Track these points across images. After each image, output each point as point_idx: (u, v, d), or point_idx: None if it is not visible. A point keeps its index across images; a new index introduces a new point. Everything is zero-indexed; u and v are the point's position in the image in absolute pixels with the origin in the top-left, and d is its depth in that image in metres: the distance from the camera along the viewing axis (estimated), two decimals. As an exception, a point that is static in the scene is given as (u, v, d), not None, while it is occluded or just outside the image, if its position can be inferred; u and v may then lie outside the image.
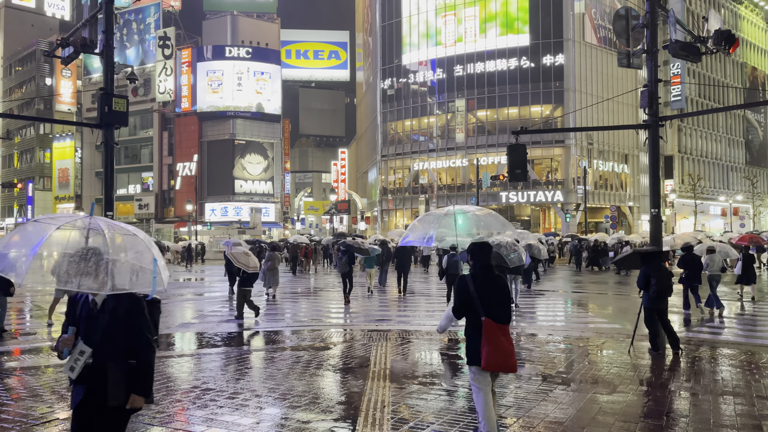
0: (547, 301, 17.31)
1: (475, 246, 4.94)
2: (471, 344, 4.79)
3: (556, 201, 51.92)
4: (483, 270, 4.86)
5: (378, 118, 62.42)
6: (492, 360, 4.64)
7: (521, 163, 11.12)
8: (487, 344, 4.64)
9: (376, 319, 13.46)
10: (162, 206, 69.74)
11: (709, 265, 14.25)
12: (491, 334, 4.65)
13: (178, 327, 12.38)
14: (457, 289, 4.85)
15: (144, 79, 70.93)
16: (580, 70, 53.02)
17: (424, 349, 9.76)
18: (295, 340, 10.73)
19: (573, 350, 9.55)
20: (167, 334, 11.62)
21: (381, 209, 62.33)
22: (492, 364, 4.65)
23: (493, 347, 4.63)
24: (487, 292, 4.74)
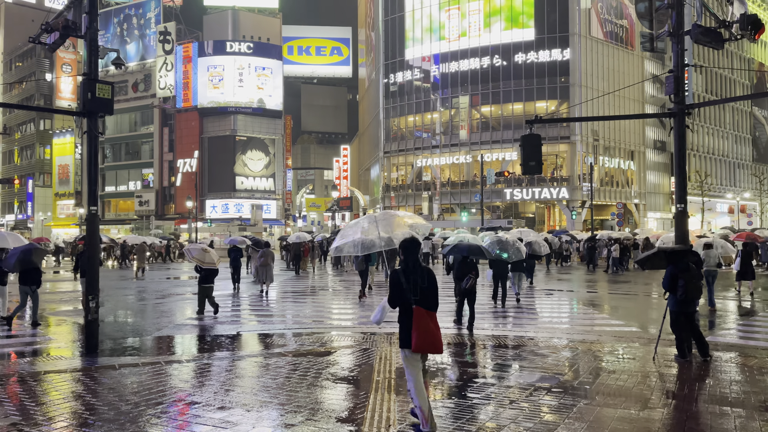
0: (558, 301, 16.59)
1: (406, 243, 5.50)
2: (403, 330, 5.32)
3: (562, 198, 51.14)
4: (413, 264, 5.43)
5: (381, 113, 61.66)
6: (421, 342, 5.20)
7: (535, 155, 10.38)
8: (416, 329, 5.18)
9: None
10: (162, 203, 69.13)
11: (706, 261, 14.21)
12: (420, 320, 5.20)
13: (171, 328, 11.68)
14: (392, 281, 5.44)
15: (144, 74, 70.32)
16: (586, 65, 52.17)
17: (431, 354, 9.04)
18: (294, 344, 10.03)
19: (592, 357, 8.83)
20: (158, 336, 10.93)
21: (383, 206, 61.57)
22: (421, 346, 5.21)
23: (422, 331, 5.18)
24: (416, 283, 5.30)
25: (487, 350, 9.56)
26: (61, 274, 27.75)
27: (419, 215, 56.41)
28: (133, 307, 15.38)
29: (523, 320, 12.83)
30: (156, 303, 16.05)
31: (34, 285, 11.61)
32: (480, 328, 11.32)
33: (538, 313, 14.16)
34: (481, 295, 16.83)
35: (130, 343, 10.32)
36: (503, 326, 12.03)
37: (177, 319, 13.07)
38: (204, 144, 65.84)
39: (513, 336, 10.74)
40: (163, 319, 13.00)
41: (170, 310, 14.60)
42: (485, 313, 13.50)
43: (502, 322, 12.66)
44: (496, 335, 10.85)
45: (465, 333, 10.84)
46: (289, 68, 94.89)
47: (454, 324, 11.68)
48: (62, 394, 6.85)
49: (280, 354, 8.99)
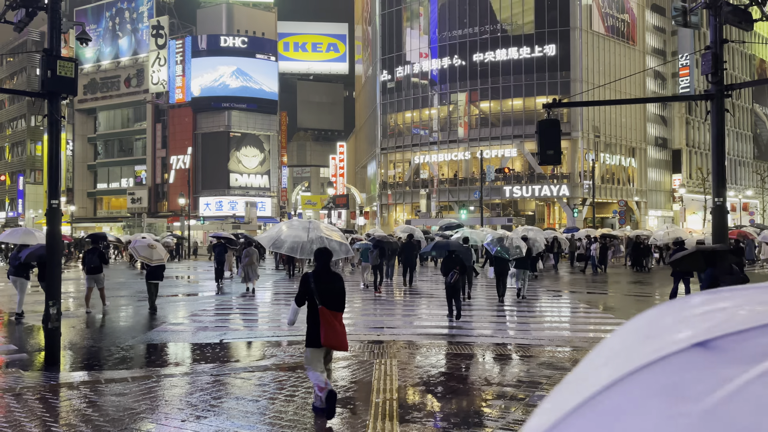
0: (559, 302, 15.55)
1: (318, 251, 6.19)
2: (310, 329, 5.81)
3: (562, 195, 50.15)
4: (323, 269, 5.98)
5: (377, 109, 60.55)
6: (328, 339, 5.69)
7: (554, 143, 9.32)
8: (324, 326, 5.68)
9: (378, 325, 11.68)
10: (155, 200, 67.90)
11: None
12: (327, 319, 5.70)
13: (149, 335, 10.60)
14: (301, 283, 5.96)
15: (137, 69, 69.03)
16: (586, 60, 51.16)
17: (440, 365, 7.99)
18: (281, 355, 8.95)
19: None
20: (131, 345, 9.83)
21: (380, 204, 60.52)
22: (328, 341, 5.72)
23: (329, 328, 5.69)
24: (324, 286, 5.82)
25: (486, 362, 8.51)
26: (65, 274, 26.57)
27: (417, 212, 55.52)
28: (118, 309, 14.28)
29: (529, 324, 11.78)
30: (140, 305, 14.95)
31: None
32: (483, 335, 10.27)
33: (543, 316, 13.12)
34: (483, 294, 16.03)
35: (100, 354, 9.23)
36: (503, 330, 10.98)
37: (157, 323, 11.98)
38: (197, 140, 64.62)
39: (516, 344, 9.69)
40: (141, 325, 11.92)
41: (153, 314, 13.51)
42: (488, 315, 12.45)
43: (503, 325, 11.60)
44: (499, 343, 9.79)
45: (461, 337, 9.79)
46: (285, 65, 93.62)
47: (447, 318, 12.16)
48: None
49: (265, 368, 7.92)
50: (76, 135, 73.60)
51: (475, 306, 14.61)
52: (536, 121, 9.38)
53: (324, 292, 5.80)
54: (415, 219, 49.90)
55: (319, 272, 5.99)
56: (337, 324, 5.77)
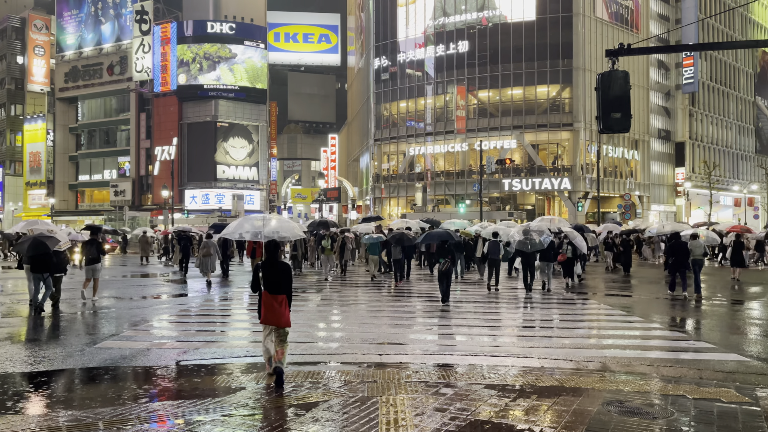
0: (595, 309, 13.40)
1: (267, 244, 7.27)
2: (259, 308, 7.04)
3: (563, 189, 48.09)
4: (270, 259, 7.07)
5: (371, 98, 58.18)
6: (267, 318, 6.90)
7: (622, 103, 7.12)
8: (264, 307, 6.92)
9: (381, 339, 9.45)
10: (140, 193, 65.28)
11: (692, 251, 15.18)
12: (268, 301, 6.90)
13: (86, 354, 8.32)
14: (253, 272, 7.15)
15: (120, 56, 66.26)
16: (589, 47, 49.06)
17: (482, 411, 5.77)
18: (252, 387, 6.72)
19: (686, 411, 5.62)
20: (59, 370, 7.55)
21: (373, 197, 58.25)
22: (267, 320, 6.89)
23: (268, 309, 6.89)
24: (269, 274, 6.95)
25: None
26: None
27: (412, 206, 53.28)
28: (72, 315, 11.98)
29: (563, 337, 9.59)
30: (104, 309, 12.65)
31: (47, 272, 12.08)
32: (504, 353, 8.06)
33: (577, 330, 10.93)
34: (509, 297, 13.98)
35: (14, 386, 6.96)
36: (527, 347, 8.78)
37: (103, 334, 9.70)
38: (183, 130, 62.04)
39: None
40: (85, 337, 9.63)
41: (110, 321, 11.22)
42: (524, 327, 10.23)
43: (547, 342, 9.40)
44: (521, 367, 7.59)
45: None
46: (276, 56, 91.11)
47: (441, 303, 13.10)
48: None
49: (223, 417, 5.67)
50: (57, 125, 70.75)
51: (502, 312, 12.43)
52: (597, 75, 7.22)
53: (268, 278, 6.91)
54: (410, 213, 47.69)
55: (266, 262, 7.04)
56: (276, 305, 6.85)
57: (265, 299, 6.85)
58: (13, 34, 77.76)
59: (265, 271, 6.92)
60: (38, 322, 11.38)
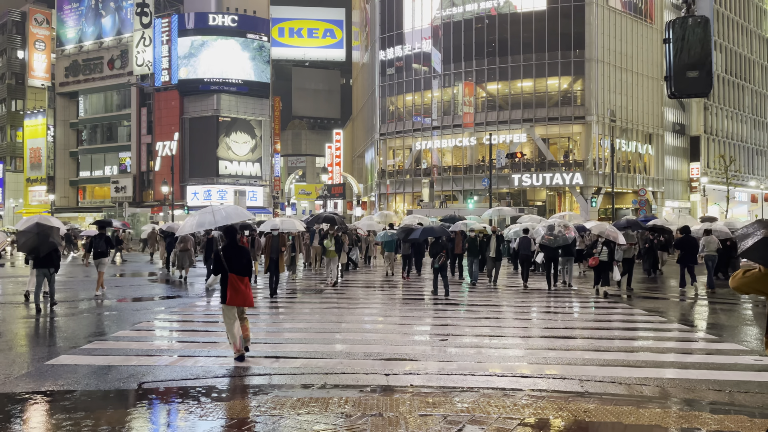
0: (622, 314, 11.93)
1: (227, 228, 7.91)
2: (222, 290, 7.43)
3: (575, 184, 46.49)
4: (231, 243, 7.59)
5: (376, 92, 56.68)
6: (233, 299, 7.33)
7: (701, 58, 5.57)
8: (230, 289, 7.31)
9: (391, 356, 8.02)
10: (140, 189, 64.07)
11: (707, 246, 15.17)
12: (233, 283, 7.32)
13: (40, 372, 6.93)
14: (216, 257, 7.50)
15: (121, 50, 64.99)
16: (603, 38, 47.40)
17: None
18: (218, 415, 5.29)
19: None
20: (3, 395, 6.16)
21: (378, 193, 56.81)
22: (234, 301, 7.34)
23: (234, 291, 7.31)
24: (232, 257, 7.39)
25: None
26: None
27: (419, 202, 51.81)
28: (44, 317, 10.61)
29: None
30: (87, 311, 11.28)
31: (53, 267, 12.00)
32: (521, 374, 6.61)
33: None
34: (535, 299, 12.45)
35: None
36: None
37: (62, 346, 8.31)
38: (185, 125, 60.76)
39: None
40: (41, 348, 8.24)
41: (88, 323, 9.84)
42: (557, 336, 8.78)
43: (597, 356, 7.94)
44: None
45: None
46: (280, 51, 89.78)
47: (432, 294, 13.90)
48: None
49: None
50: (57, 120, 69.60)
51: (528, 320, 10.98)
52: (667, 23, 5.67)
53: (232, 261, 7.40)
54: (416, 209, 46.23)
55: (227, 246, 7.57)
56: (241, 286, 7.41)
57: (231, 281, 7.32)
58: (13, 29, 76.66)
59: (228, 255, 7.40)
60: (3, 327, 10.01)
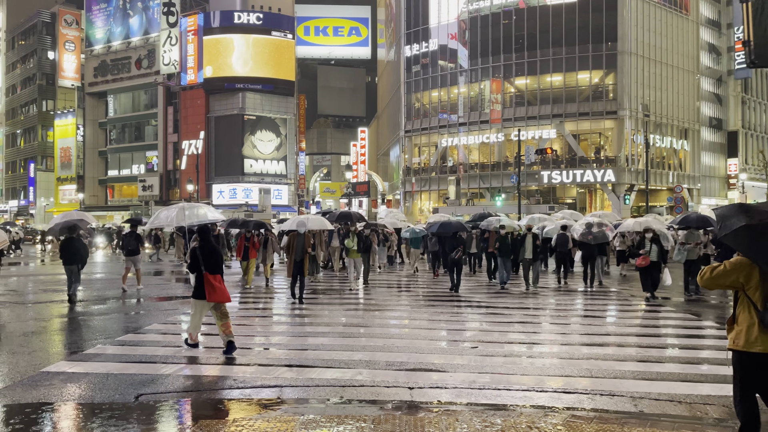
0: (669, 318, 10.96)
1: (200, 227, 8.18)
2: (198, 287, 7.73)
3: (607, 181, 45.05)
4: (205, 243, 7.85)
5: (402, 88, 55.87)
6: (211, 296, 7.59)
7: None
8: (207, 287, 7.60)
9: (416, 366, 7.28)
10: (167, 188, 64.35)
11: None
12: (210, 281, 7.61)
13: (18, 383, 6.36)
14: (191, 256, 7.84)
15: (148, 50, 65.36)
16: (636, 30, 45.83)
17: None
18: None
19: None
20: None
21: (404, 191, 56.02)
22: (212, 298, 7.59)
23: (211, 288, 7.59)
24: (206, 256, 7.70)
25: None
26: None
27: (445, 200, 50.88)
28: (62, 317, 10.14)
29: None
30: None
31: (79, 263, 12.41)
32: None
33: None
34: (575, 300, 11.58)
35: None
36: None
37: (55, 357, 7.77)
38: (210, 124, 60.79)
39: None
40: (40, 354, 7.70)
41: (88, 329, 9.33)
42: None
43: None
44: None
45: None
46: (306, 49, 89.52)
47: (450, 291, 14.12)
48: None
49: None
50: (86, 120, 70.41)
51: (564, 323, 10.13)
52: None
53: (208, 260, 7.68)
54: (442, 207, 45.36)
55: (203, 246, 7.84)
56: (216, 283, 7.65)
57: (207, 280, 7.59)
58: (43, 30, 77.82)
59: (204, 254, 7.69)
60: (9, 327, 9.53)
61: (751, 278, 4.03)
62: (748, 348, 4.04)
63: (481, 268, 19.63)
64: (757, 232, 3.84)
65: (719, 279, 4.11)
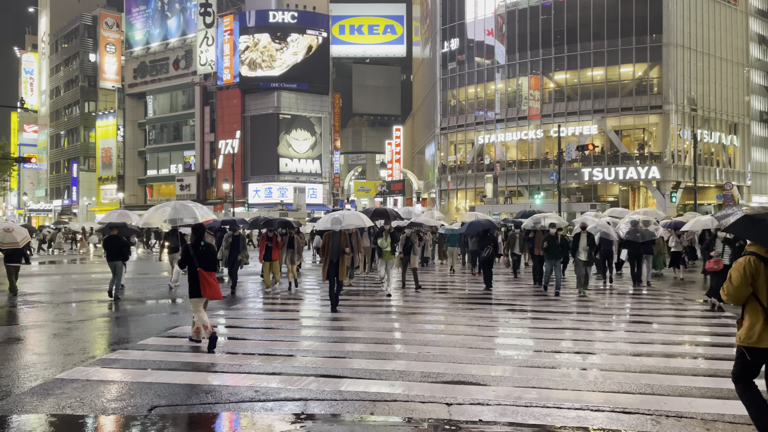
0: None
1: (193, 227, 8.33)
2: (191, 284, 7.96)
3: (651, 179, 43.38)
4: (198, 241, 8.01)
5: (437, 85, 55.03)
6: (206, 292, 7.90)
7: None
8: (202, 283, 7.88)
9: (454, 377, 6.64)
10: (204, 187, 65.01)
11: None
12: (203, 278, 7.88)
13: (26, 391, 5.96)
14: (183, 252, 8.05)
15: (185, 50, 66.13)
16: (682, 21, 44.00)
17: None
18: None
19: None
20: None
21: (439, 189, 55.18)
22: (206, 294, 7.92)
23: (205, 284, 7.88)
24: (199, 254, 7.91)
25: None
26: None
27: (482, 198, 49.88)
28: (88, 317, 9.85)
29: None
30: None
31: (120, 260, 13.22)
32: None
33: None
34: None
35: None
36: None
37: (71, 362, 7.38)
38: (246, 123, 61.14)
39: None
40: (60, 357, 7.33)
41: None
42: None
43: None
44: None
45: None
46: (341, 48, 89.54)
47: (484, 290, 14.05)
48: None
49: None
50: (126, 120, 71.70)
51: (624, 331, 9.33)
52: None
53: (201, 258, 7.91)
54: (479, 205, 44.40)
55: (195, 243, 7.99)
56: (212, 280, 7.94)
57: (202, 276, 7.85)
58: (85, 33, 79.62)
59: (197, 252, 7.89)
60: (44, 329, 9.24)
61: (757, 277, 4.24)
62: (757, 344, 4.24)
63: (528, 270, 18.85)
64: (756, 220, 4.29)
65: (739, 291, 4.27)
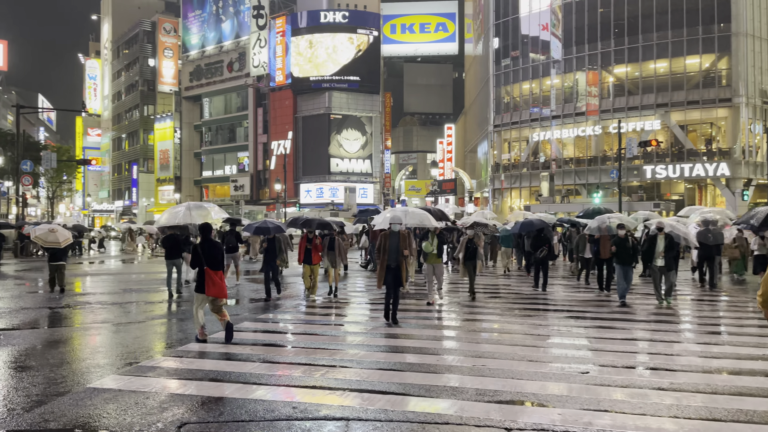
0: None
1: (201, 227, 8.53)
2: (199, 281, 8.13)
3: (720, 176, 40.93)
4: (205, 240, 8.25)
5: (490, 81, 53.76)
6: (210, 290, 8.04)
7: None
8: (207, 281, 8.05)
9: (513, 396, 5.95)
10: (257, 187, 65.87)
11: None
12: (210, 277, 8.05)
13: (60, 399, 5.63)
14: (193, 252, 8.19)
15: (239, 53, 67.19)
16: (752, 8, 41.36)
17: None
18: None
19: None
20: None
21: (492, 188, 53.89)
22: (210, 292, 8.04)
23: (211, 283, 8.04)
24: (207, 253, 8.09)
25: None
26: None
27: (538, 197, 48.41)
28: (116, 326, 9.66)
29: None
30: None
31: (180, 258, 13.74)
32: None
33: None
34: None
35: None
36: None
37: (103, 369, 7.05)
38: (298, 124, 61.52)
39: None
40: (82, 365, 7.04)
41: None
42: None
43: None
44: None
45: None
46: (392, 48, 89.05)
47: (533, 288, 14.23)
48: None
49: None
50: (183, 123, 73.46)
51: (707, 342, 8.42)
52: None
53: (207, 257, 8.07)
54: (535, 204, 43.03)
55: (203, 243, 8.22)
56: (217, 279, 8.08)
57: (208, 275, 8.01)
58: (144, 38, 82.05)
59: (205, 251, 8.06)
60: (52, 335, 9.07)
61: None
62: None
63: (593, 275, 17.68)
64: None
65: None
